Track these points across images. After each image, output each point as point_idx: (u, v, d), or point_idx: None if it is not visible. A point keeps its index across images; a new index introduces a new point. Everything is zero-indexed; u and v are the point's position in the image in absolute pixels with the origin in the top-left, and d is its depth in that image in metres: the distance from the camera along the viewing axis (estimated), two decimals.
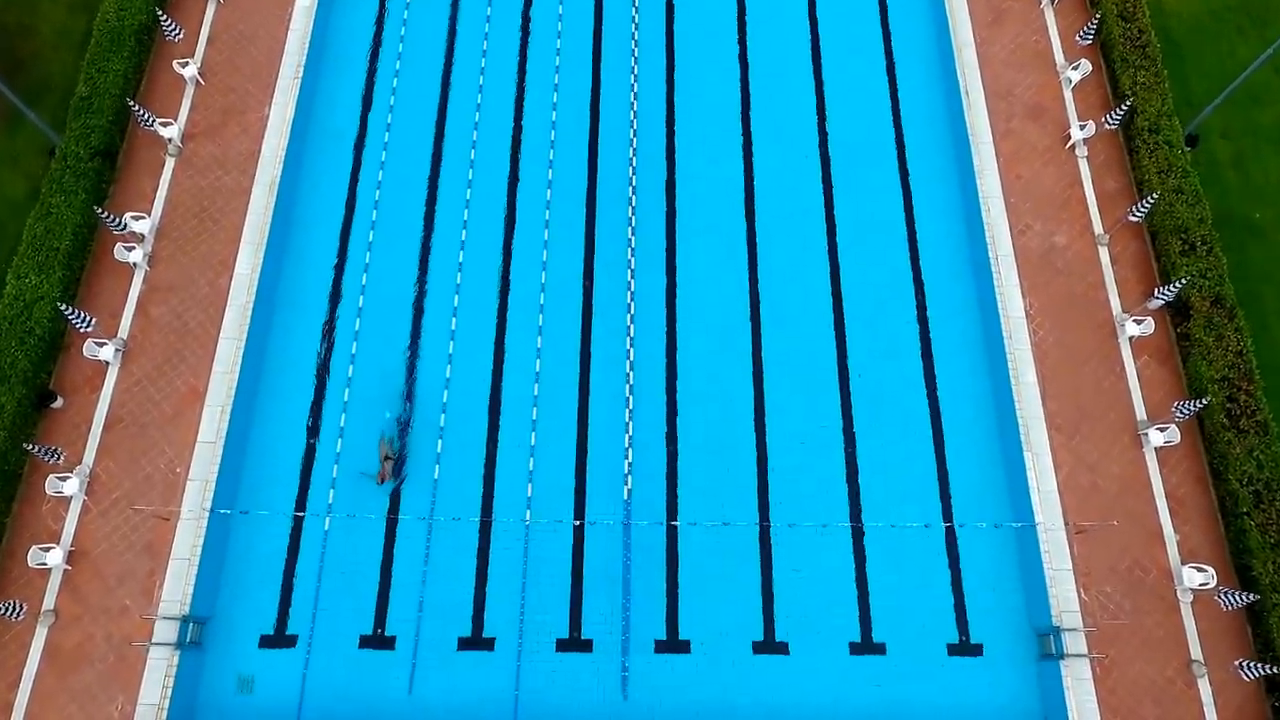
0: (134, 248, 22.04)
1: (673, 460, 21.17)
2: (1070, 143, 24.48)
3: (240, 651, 19.17)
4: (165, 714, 18.08)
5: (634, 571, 20.05)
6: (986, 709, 19.07)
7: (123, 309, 21.94)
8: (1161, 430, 20.56)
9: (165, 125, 23.61)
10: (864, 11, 27.30)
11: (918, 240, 23.85)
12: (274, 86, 24.82)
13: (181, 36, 25.39)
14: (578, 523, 20.43)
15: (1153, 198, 22.51)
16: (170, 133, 23.58)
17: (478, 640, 19.40)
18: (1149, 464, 20.84)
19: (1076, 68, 25.03)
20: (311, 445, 21.13)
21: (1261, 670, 18.08)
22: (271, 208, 23.15)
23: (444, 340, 22.40)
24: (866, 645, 19.55)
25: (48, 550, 18.98)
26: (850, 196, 24.38)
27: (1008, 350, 21.88)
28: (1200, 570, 19.28)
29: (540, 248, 23.54)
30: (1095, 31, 25.63)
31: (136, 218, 22.47)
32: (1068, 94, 25.35)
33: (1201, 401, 20.28)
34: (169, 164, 23.72)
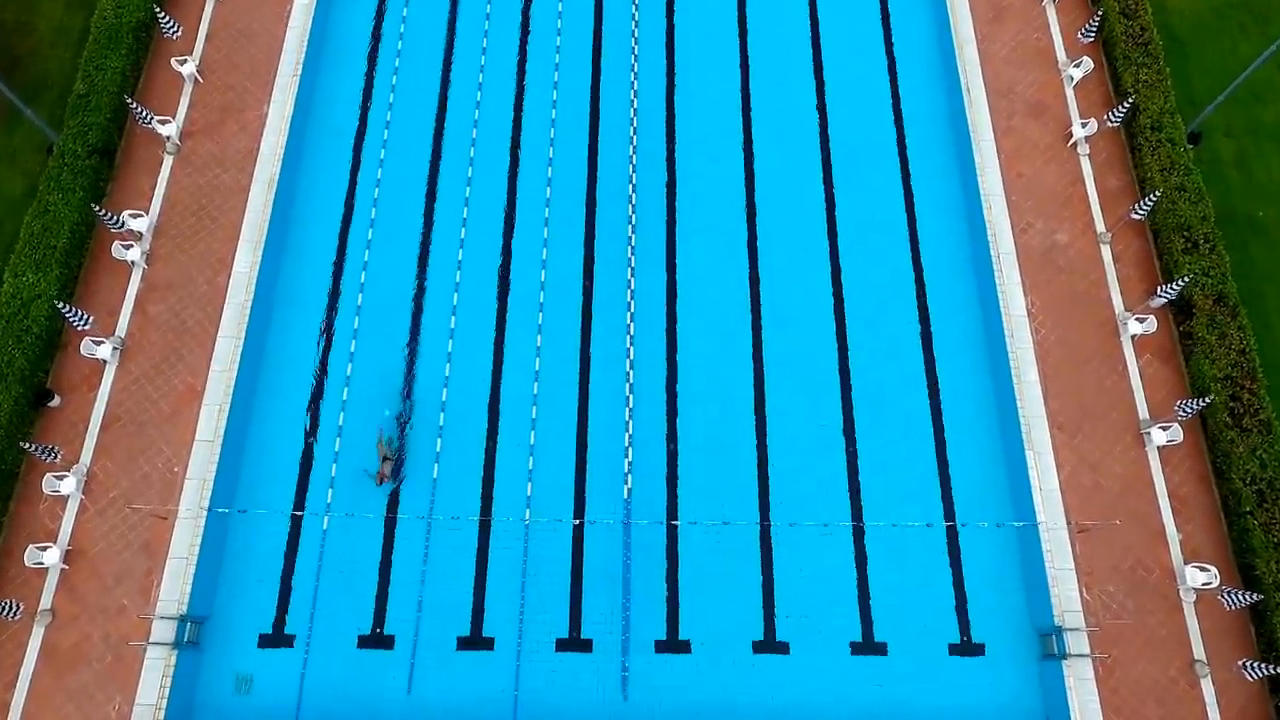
0: (132, 246, 21.98)
1: (673, 459, 21.09)
2: (1072, 140, 24.39)
3: (238, 651, 19.09)
4: (163, 714, 17.99)
5: (634, 571, 19.97)
6: (988, 709, 18.98)
7: (120, 307, 21.87)
8: (1164, 429, 20.49)
9: (163, 123, 23.54)
10: (864, 9, 27.21)
11: (919, 238, 23.76)
12: (273, 84, 24.74)
13: (180, 34, 25.34)
14: (577, 522, 20.34)
15: (1155, 195, 22.44)
16: (168, 130, 23.51)
17: (477, 640, 19.32)
18: (1151, 463, 20.76)
19: (1078, 65, 24.95)
20: (310, 444, 21.07)
21: (1265, 670, 18.00)
22: (270, 206, 23.08)
23: (443, 338, 22.31)
24: (868, 645, 19.47)
25: (45, 549, 18.91)
26: (851, 194, 24.29)
27: (1009, 349, 21.77)
28: (1203, 570, 19.20)
29: (540, 246, 23.46)
30: (1097, 29, 25.56)
31: (134, 215, 22.42)
32: (1069, 91, 25.26)
33: (1204, 400, 20.19)
34: (167, 162, 23.65)
